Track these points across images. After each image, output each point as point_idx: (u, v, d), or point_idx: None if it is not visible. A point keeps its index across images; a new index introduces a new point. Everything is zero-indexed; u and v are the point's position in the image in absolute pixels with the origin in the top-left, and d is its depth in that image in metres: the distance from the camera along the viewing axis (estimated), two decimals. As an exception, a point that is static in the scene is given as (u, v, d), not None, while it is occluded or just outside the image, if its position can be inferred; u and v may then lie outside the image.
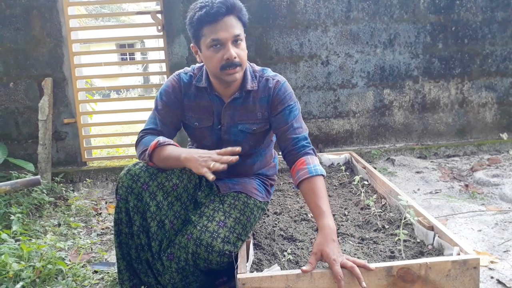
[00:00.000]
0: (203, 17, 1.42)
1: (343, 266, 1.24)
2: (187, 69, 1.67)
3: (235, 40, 1.47)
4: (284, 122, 1.57)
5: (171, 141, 1.48)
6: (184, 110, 1.64)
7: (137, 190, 1.46)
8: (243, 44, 1.51)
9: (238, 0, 1.49)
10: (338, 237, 1.55)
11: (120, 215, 1.50)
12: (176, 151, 1.43)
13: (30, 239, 2.12)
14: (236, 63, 1.47)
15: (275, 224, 1.87)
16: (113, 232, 2.23)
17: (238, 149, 1.37)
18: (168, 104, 1.61)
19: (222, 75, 1.49)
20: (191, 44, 1.56)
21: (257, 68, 1.66)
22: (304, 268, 1.25)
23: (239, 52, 1.48)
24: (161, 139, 1.46)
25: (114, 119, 4.35)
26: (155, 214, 1.47)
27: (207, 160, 1.33)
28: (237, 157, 1.35)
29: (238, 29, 1.47)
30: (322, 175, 1.48)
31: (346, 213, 1.98)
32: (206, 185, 1.67)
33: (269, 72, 1.65)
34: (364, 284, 1.21)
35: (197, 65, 1.67)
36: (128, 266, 1.54)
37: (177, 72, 1.66)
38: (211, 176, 1.29)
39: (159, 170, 1.50)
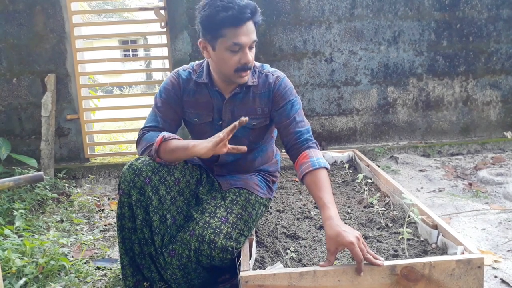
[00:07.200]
0: (228, 18, 1.40)
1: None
2: (185, 66, 1.68)
3: (251, 46, 1.50)
4: (286, 116, 1.59)
5: (176, 136, 1.50)
6: (184, 106, 1.65)
7: (139, 184, 1.47)
8: (254, 48, 1.54)
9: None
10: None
11: (122, 210, 1.50)
12: (184, 141, 1.46)
13: (33, 235, 2.12)
14: (250, 67, 1.52)
15: (278, 221, 1.87)
16: (115, 228, 2.24)
17: (244, 148, 1.39)
18: (168, 101, 1.62)
19: (233, 76, 1.52)
20: (200, 40, 1.52)
21: (257, 64, 1.67)
22: (322, 263, 1.27)
23: (252, 56, 1.51)
24: (166, 134, 1.48)
25: (117, 115, 4.36)
26: (157, 208, 1.48)
27: (215, 136, 1.37)
28: (245, 147, 1.40)
29: (255, 34, 1.50)
30: (326, 168, 1.49)
31: (349, 211, 1.97)
32: (207, 181, 1.68)
33: (269, 68, 1.67)
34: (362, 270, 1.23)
35: (197, 62, 1.68)
36: (131, 262, 1.55)
37: (176, 70, 1.67)
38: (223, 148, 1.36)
39: (161, 165, 1.51)
